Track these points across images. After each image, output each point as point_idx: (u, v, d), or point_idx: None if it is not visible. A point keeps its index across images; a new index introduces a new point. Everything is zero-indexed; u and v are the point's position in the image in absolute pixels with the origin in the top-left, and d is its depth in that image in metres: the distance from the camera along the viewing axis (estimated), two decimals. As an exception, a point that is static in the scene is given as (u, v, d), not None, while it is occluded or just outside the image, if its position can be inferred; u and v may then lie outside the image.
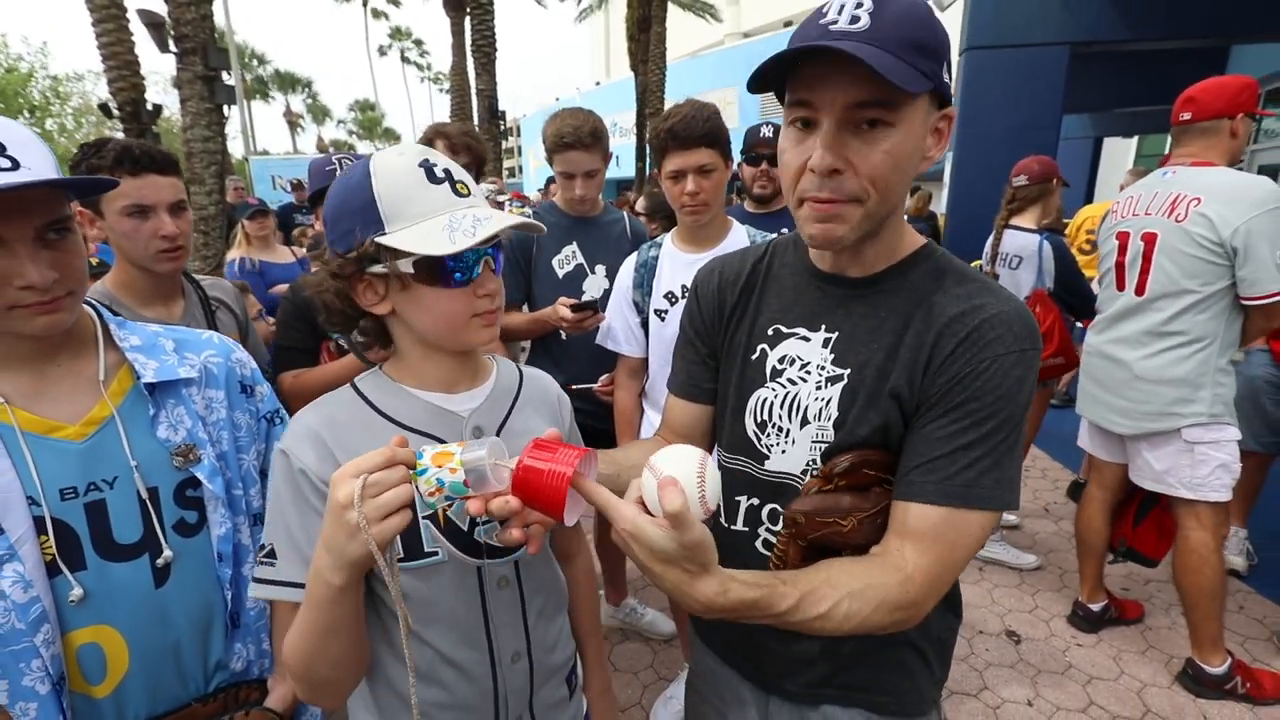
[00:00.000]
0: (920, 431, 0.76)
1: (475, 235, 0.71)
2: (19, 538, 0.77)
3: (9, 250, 0.74)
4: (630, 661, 2.39)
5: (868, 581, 0.71)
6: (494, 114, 11.63)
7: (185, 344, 0.98)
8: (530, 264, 2.05)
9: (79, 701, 0.84)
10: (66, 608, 0.81)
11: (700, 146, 1.59)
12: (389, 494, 0.61)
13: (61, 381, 0.85)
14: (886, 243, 0.80)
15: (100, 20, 7.37)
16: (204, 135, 5.64)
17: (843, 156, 0.69)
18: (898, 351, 0.78)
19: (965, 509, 0.72)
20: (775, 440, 0.87)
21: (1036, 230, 2.77)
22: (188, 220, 1.40)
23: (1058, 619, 2.56)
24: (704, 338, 0.98)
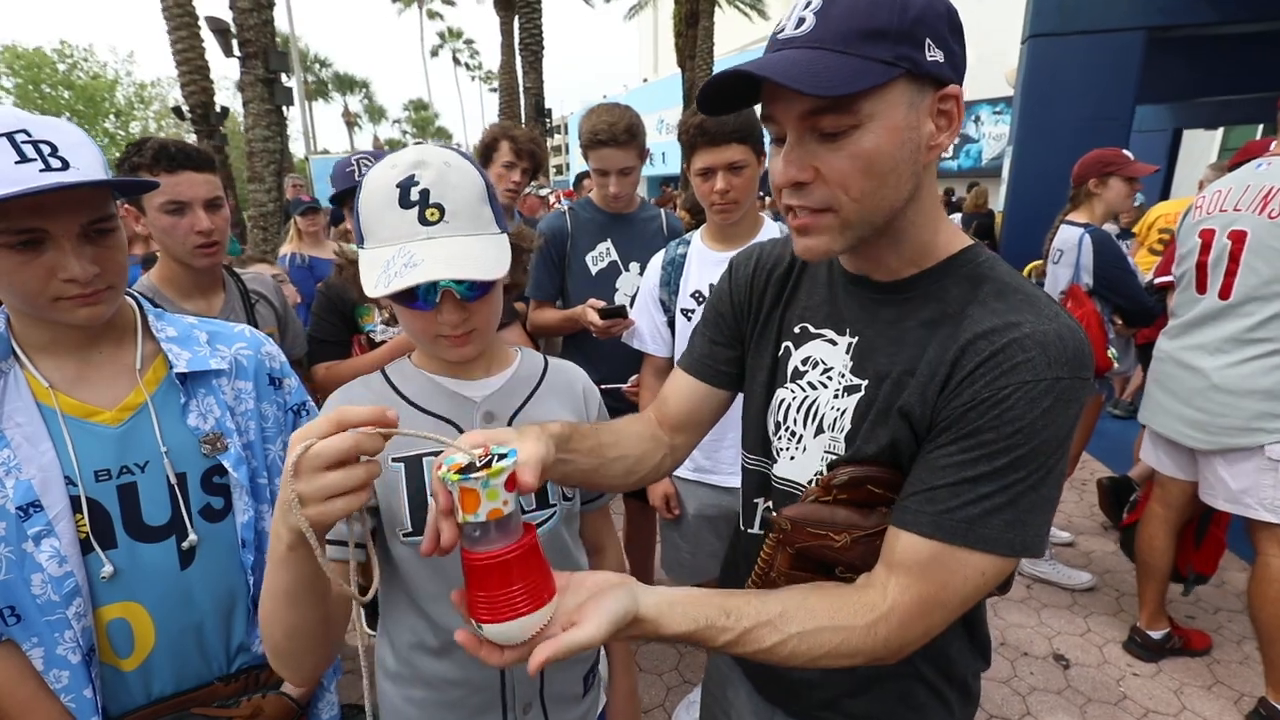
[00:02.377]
0: (927, 456, 0.69)
1: (389, 285, 0.71)
2: (56, 515, 0.82)
3: (55, 245, 0.78)
4: (654, 662, 2.37)
5: (829, 622, 0.66)
6: (540, 111, 11.76)
7: (218, 336, 1.01)
8: (564, 260, 2.05)
9: (108, 672, 0.88)
10: (98, 583, 0.85)
11: (731, 143, 1.54)
12: (338, 474, 0.54)
13: (102, 368, 0.89)
14: (913, 247, 0.73)
15: (175, 29, 7.82)
16: (264, 135, 5.91)
17: (809, 166, 0.65)
18: (917, 365, 0.71)
19: (963, 548, 0.64)
20: (787, 445, 0.83)
21: (1084, 224, 2.60)
22: (224, 217, 1.45)
23: (1112, 645, 2.41)
24: (729, 319, 0.94)
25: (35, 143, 0.75)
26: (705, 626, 0.65)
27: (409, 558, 0.84)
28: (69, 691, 0.84)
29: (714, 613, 0.66)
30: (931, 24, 0.61)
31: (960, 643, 0.83)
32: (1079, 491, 3.61)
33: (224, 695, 0.94)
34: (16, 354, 0.85)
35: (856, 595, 0.69)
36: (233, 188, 8.87)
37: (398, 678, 0.89)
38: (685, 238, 1.78)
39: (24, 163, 0.73)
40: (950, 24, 0.63)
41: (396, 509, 0.82)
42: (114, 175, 0.85)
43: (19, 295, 0.79)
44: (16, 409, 0.82)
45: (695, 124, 1.56)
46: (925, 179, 0.68)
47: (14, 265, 0.77)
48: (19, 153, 0.73)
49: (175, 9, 7.63)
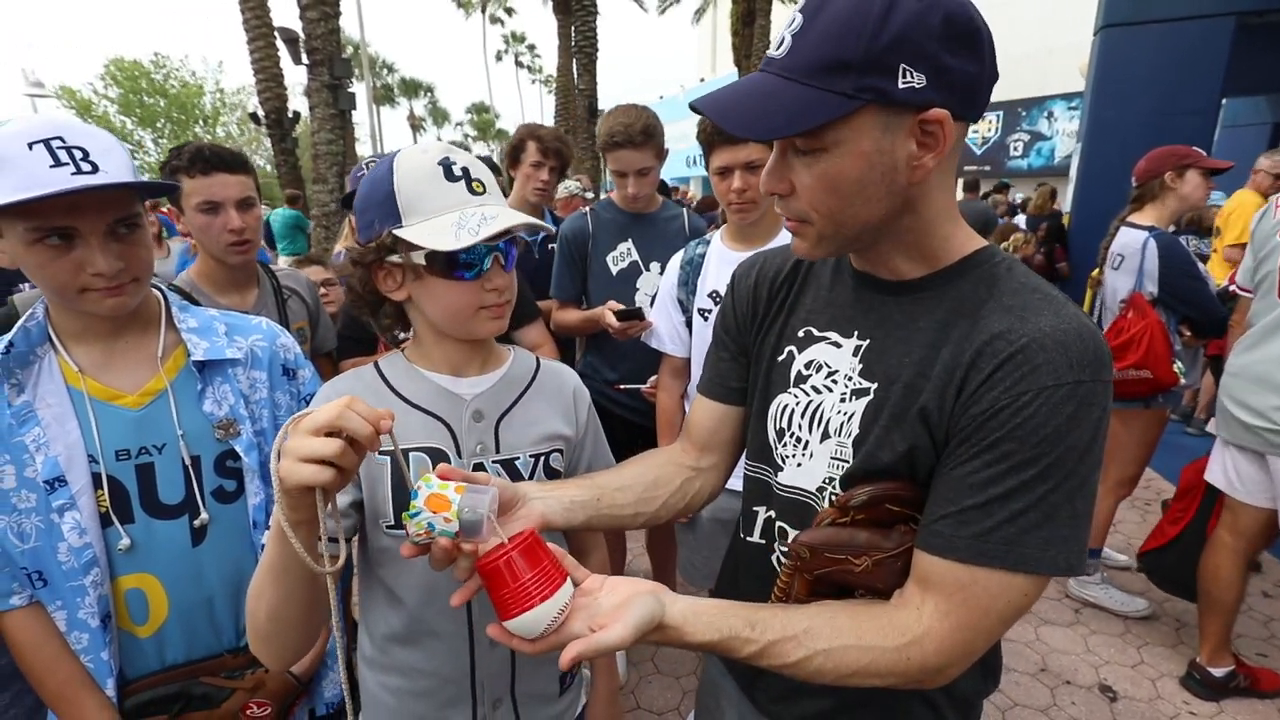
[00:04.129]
0: (950, 473, 0.65)
1: (479, 233, 0.74)
2: (79, 490, 0.88)
3: (84, 241, 0.84)
4: (672, 665, 2.35)
5: (855, 640, 0.65)
6: (593, 113, 11.90)
7: (236, 328, 1.06)
8: (585, 260, 2.06)
9: (125, 638, 0.95)
10: (116, 555, 0.92)
11: (749, 141, 1.51)
12: (317, 440, 0.58)
13: (126, 355, 0.95)
14: (921, 250, 0.71)
15: (253, 39, 8.32)
16: (328, 138, 6.23)
17: (785, 179, 0.67)
18: (932, 367, 0.68)
19: (1004, 571, 0.62)
20: (792, 451, 0.81)
21: (1148, 227, 2.42)
22: (255, 216, 1.53)
23: (1167, 679, 2.23)
24: (734, 335, 0.93)
25: (69, 148, 0.81)
26: (729, 637, 0.66)
27: (389, 549, 0.85)
28: (88, 652, 0.91)
29: (739, 624, 0.66)
30: (915, 44, 0.58)
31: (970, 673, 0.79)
32: (1141, 512, 3.37)
33: (231, 667, 1.00)
34: (52, 340, 0.92)
35: (888, 615, 0.67)
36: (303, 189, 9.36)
37: (374, 664, 0.91)
38: (705, 237, 1.77)
39: (57, 167, 0.80)
40: (946, 38, 0.59)
41: (380, 501, 0.84)
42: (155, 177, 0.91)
43: (51, 287, 0.86)
44: (49, 390, 0.89)
45: (713, 123, 1.54)
46: (919, 194, 0.66)
47: (46, 259, 0.83)
48: (54, 157, 0.80)
49: (253, 20, 8.13)
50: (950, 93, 0.60)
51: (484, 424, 0.88)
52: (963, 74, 0.60)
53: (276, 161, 9.73)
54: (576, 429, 0.98)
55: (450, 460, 0.86)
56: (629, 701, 2.18)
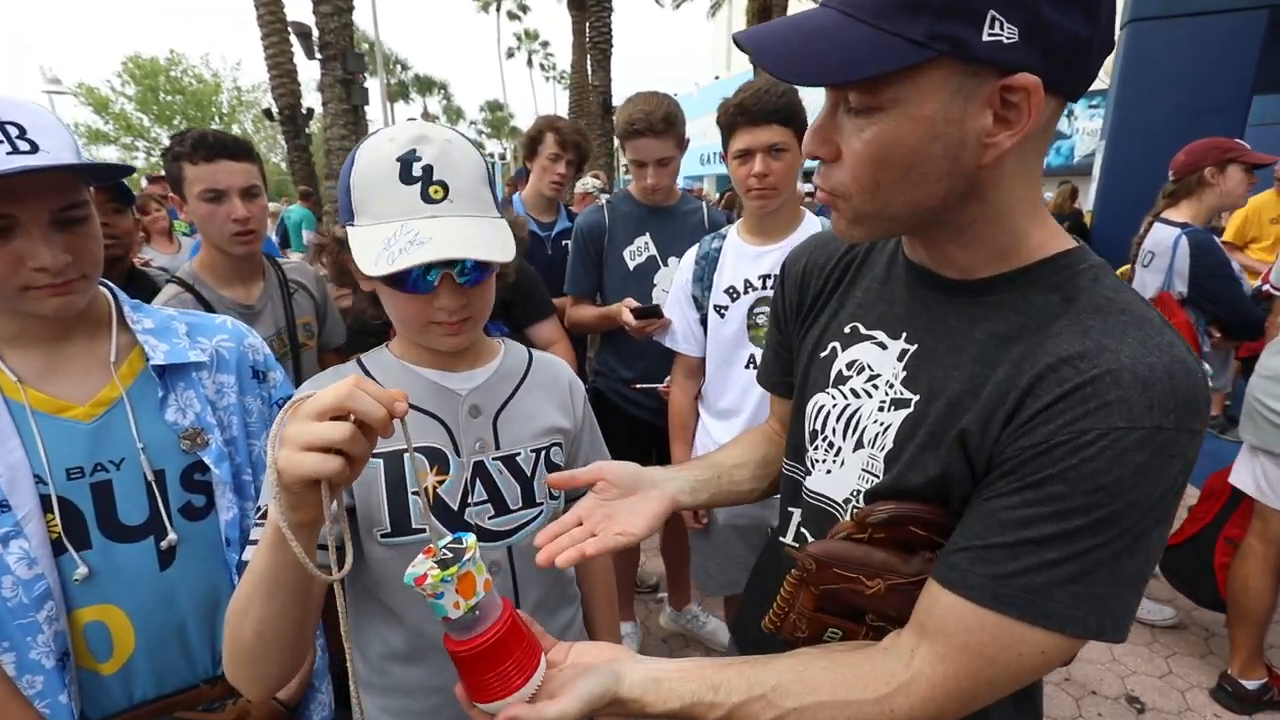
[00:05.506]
0: (983, 505, 0.58)
1: (394, 263, 0.67)
2: (25, 515, 0.78)
3: (24, 232, 0.75)
4: (687, 670, 2.31)
5: (830, 696, 0.59)
6: (607, 109, 11.85)
7: (198, 328, 0.98)
8: (601, 255, 2.02)
9: (87, 677, 0.85)
10: (72, 586, 0.82)
11: (772, 123, 1.46)
12: (323, 425, 0.51)
13: (73, 361, 0.85)
14: (990, 245, 0.61)
15: (267, 35, 8.35)
16: (341, 134, 6.23)
17: (831, 140, 0.58)
18: (983, 386, 0.59)
19: (1020, 621, 0.54)
20: (823, 455, 0.75)
21: (1182, 224, 2.34)
22: (260, 205, 1.49)
23: (1197, 690, 2.16)
24: (781, 326, 0.89)
25: (2, 124, 0.71)
26: (693, 704, 0.61)
27: (385, 560, 0.80)
28: (43, 697, 0.80)
29: (701, 688, 0.62)
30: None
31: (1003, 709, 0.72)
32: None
33: (209, 698, 0.92)
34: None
35: (871, 662, 0.61)
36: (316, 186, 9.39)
37: (370, 687, 0.86)
38: (721, 231, 1.72)
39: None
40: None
41: (374, 508, 0.79)
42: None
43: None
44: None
45: (735, 103, 1.49)
46: (990, 179, 0.56)
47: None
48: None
49: (267, 15, 8.16)
50: (1046, 56, 0.49)
51: (481, 420, 0.84)
52: (1066, 34, 0.49)
53: (290, 158, 9.78)
54: (574, 422, 0.94)
55: (449, 459, 0.81)
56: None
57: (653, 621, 2.55)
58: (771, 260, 1.58)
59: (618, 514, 0.73)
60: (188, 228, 4.35)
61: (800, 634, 0.71)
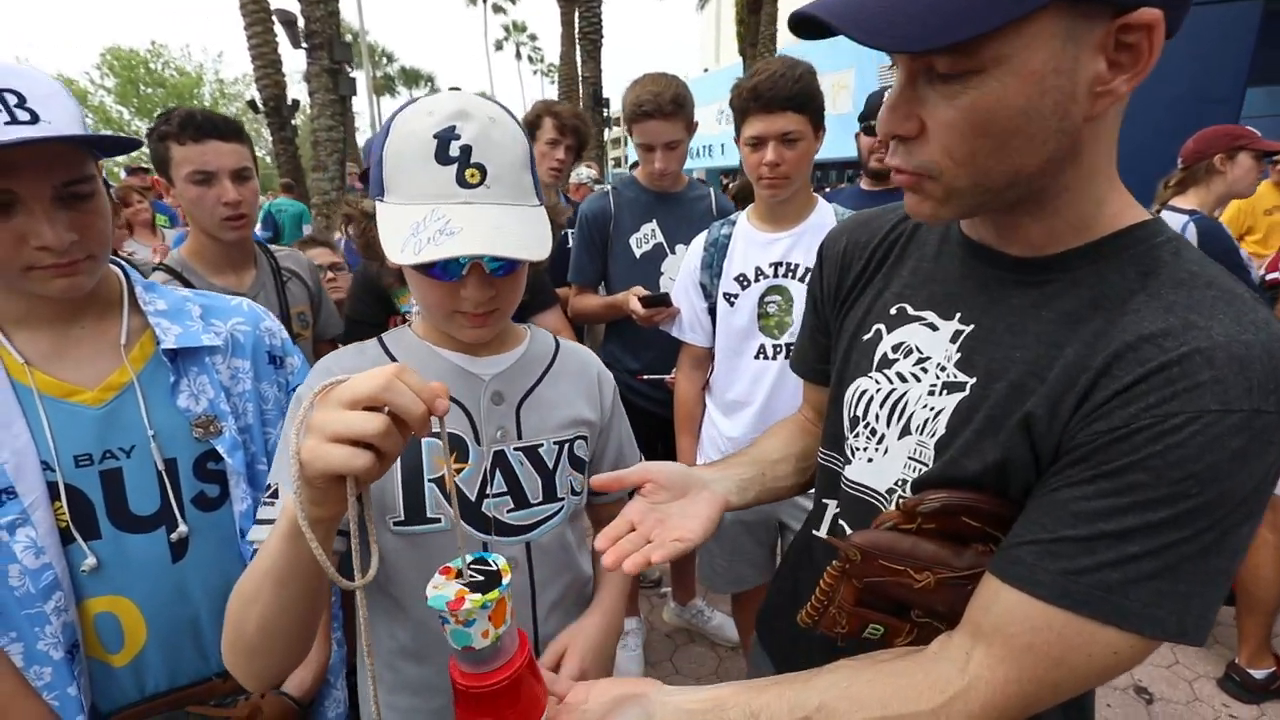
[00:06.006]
0: (1052, 495, 0.54)
1: (420, 253, 0.63)
2: (32, 503, 0.75)
3: (25, 209, 0.71)
4: (693, 666, 2.27)
5: (881, 712, 0.55)
6: (598, 101, 11.78)
7: (213, 310, 0.94)
8: (606, 243, 1.96)
9: (97, 668, 0.83)
10: (81, 576, 0.79)
11: (786, 110, 1.41)
12: (356, 415, 0.46)
13: (83, 344, 0.82)
14: (1065, 219, 0.57)
15: (250, 24, 8.17)
16: (328, 125, 6.11)
17: (914, 116, 0.53)
18: (1049, 368, 0.55)
19: (1093, 620, 0.50)
20: (864, 443, 0.71)
21: (1189, 211, 2.32)
22: (252, 189, 1.42)
23: (1204, 680, 2.15)
24: (819, 309, 0.85)
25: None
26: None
27: (398, 550, 0.76)
28: (52, 689, 0.78)
29: (739, 717, 0.58)
30: None
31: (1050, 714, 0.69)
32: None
33: (222, 693, 0.89)
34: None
35: (922, 670, 0.56)
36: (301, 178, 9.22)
37: (379, 683, 0.82)
38: (730, 218, 1.67)
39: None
40: None
41: (388, 493, 0.74)
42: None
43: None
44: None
45: (748, 88, 1.44)
46: (1089, 135, 0.52)
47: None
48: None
49: (251, 4, 7.98)
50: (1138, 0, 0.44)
51: (504, 407, 0.80)
52: None
53: (275, 150, 9.60)
54: (601, 414, 0.90)
55: (469, 447, 0.77)
56: (647, 703, 2.10)
57: (656, 616, 2.51)
58: (784, 247, 1.54)
59: (670, 518, 0.70)
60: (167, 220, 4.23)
61: (839, 629, 0.67)
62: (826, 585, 0.68)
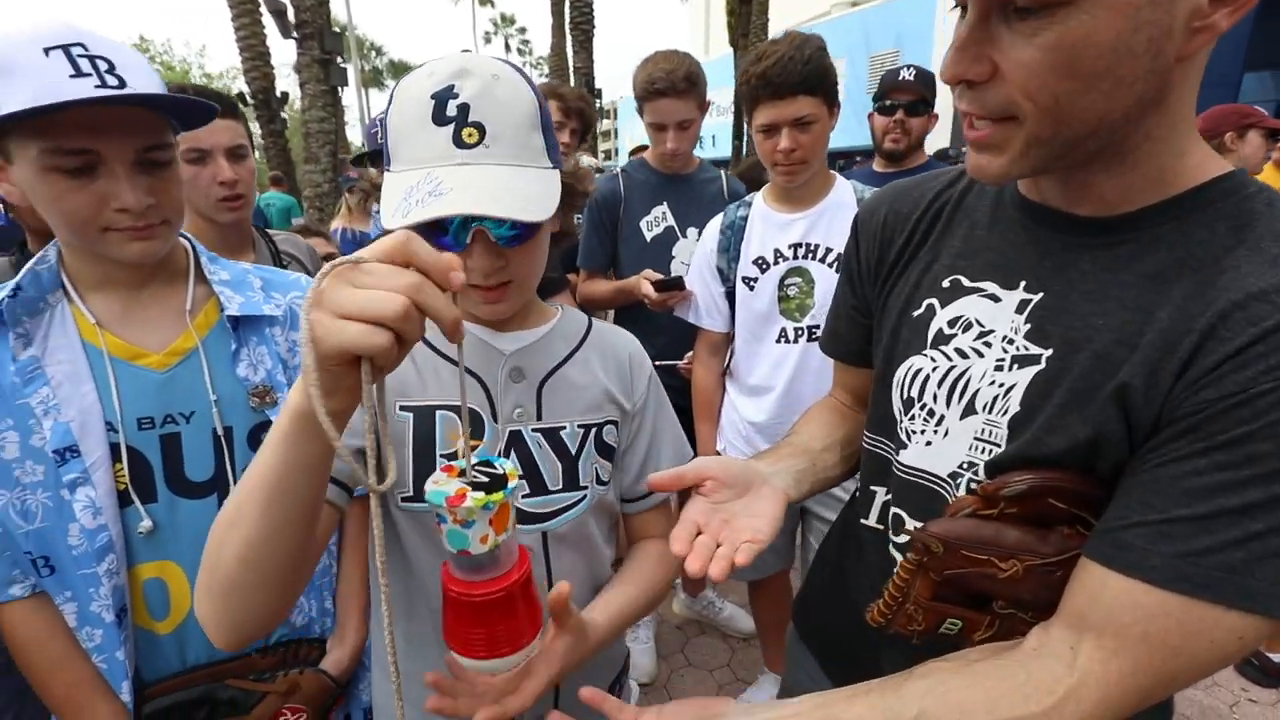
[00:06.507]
0: (1157, 471, 0.50)
1: (408, 215, 0.59)
2: (94, 462, 0.77)
3: (109, 170, 0.74)
4: (705, 658, 2.25)
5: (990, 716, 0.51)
6: (591, 91, 11.68)
7: (272, 283, 0.96)
8: (616, 226, 1.91)
9: (142, 636, 0.84)
10: (135, 539, 0.80)
11: (798, 94, 1.35)
12: (370, 292, 0.40)
13: (150, 309, 0.85)
14: (1144, 172, 0.53)
15: (238, 15, 8.02)
16: (320, 116, 6.01)
17: (985, 58, 0.49)
18: (1140, 334, 0.52)
19: (1216, 604, 0.46)
20: (921, 426, 0.67)
21: None
22: (249, 168, 1.36)
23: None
24: (856, 287, 0.80)
25: (92, 57, 0.70)
26: None
27: (410, 530, 0.72)
28: (101, 651, 0.79)
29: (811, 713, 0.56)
30: None
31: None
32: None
33: (260, 668, 0.89)
34: (66, 289, 0.81)
35: (1025, 670, 0.53)
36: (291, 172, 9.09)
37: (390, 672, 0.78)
38: (746, 199, 1.62)
39: (79, 77, 0.69)
40: None
41: (398, 466, 0.69)
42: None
43: (68, 225, 0.75)
44: (60, 345, 0.78)
45: (757, 74, 1.38)
46: (1179, 77, 0.48)
47: (64, 190, 0.72)
48: (74, 66, 0.69)
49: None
50: None
51: (524, 385, 0.75)
52: None
53: (265, 144, 9.45)
54: (633, 400, 0.84)
55: (484, 423, 0.72)
56: (662, 697, 2.07)
57: (665, 609, 2.48)
58: (802, 228, 1.50)
59: (735, 518, 0.65)
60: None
61: (915, 627, 0.63)
62: (901, 581, 0.64)
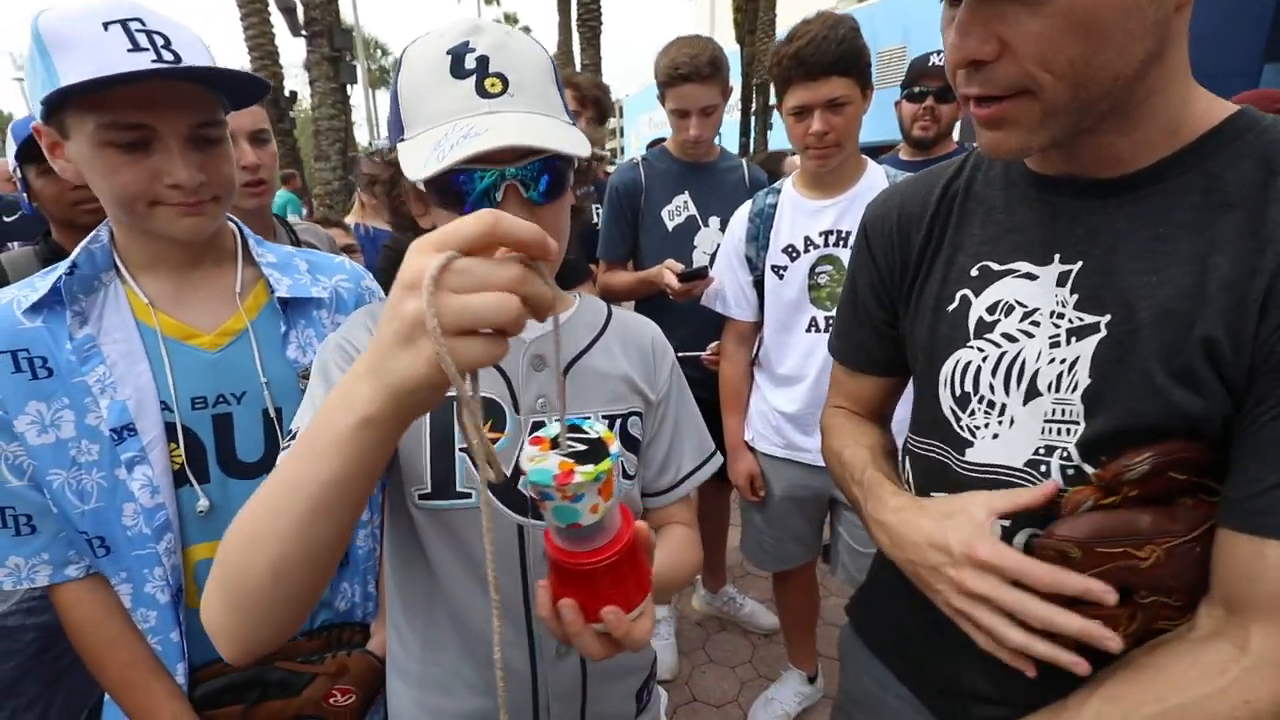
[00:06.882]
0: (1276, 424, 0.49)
1: (446, 157, 0.55)
2: (150, 441, 0.77)
3: (162, 145, 0.74)
4: (726, 654, 2.22)
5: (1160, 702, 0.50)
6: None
7: (318, 266, 0.96)
8: (637, 215, 1.89)
9: (193, 618, 0.82)
10: (190, 519, 0.80)
11: (831, 75, 1.32)
12: (490, 298, 0.37)
13: (200, 289, 0.84)
14: (1155, 124, 0.54)
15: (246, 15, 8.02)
16: (329, 114, 6.01)
17: (991, 36, 0.50)
18: (1203, 284, 0.51)
19: None
20: (983, 420, 0.65)
21: None
22: (270, 153, 1.35)
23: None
24: (881, 296, 0.78)
25: (149, 32, 0.71)
26: None
27: (428, 529, 0.69)
28: (156, 633, 0.79)
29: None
30: None
31: None
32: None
33: (307, 650, 0.88)
34: (118, 268, 0.81)
35: (1190, 656, 0.51)
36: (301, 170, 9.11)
37: (409, 677, 0.75)
38: (775, 186, 1.59)
39: (136, 51, 0.69)
40: None
41: (415, 461, 0.67)
42: None
43: (119, 198, 0.75)
44: (115, 324, 0.78)
45: (790, 54, 1.35)
46: (1177, 27, 0.50)
47: (119, 164, 0.73)
48: (132, 41, 0.69)
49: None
50: None
51: (546, 373, 0.72)
52: None
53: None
54: (657, 390, 0.81)
55: (506, 415, 0.69)
56: (684, 694, 2.05)
57: (685, 604, 2.46)
58: (833, 215, 1.47)
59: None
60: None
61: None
62: None
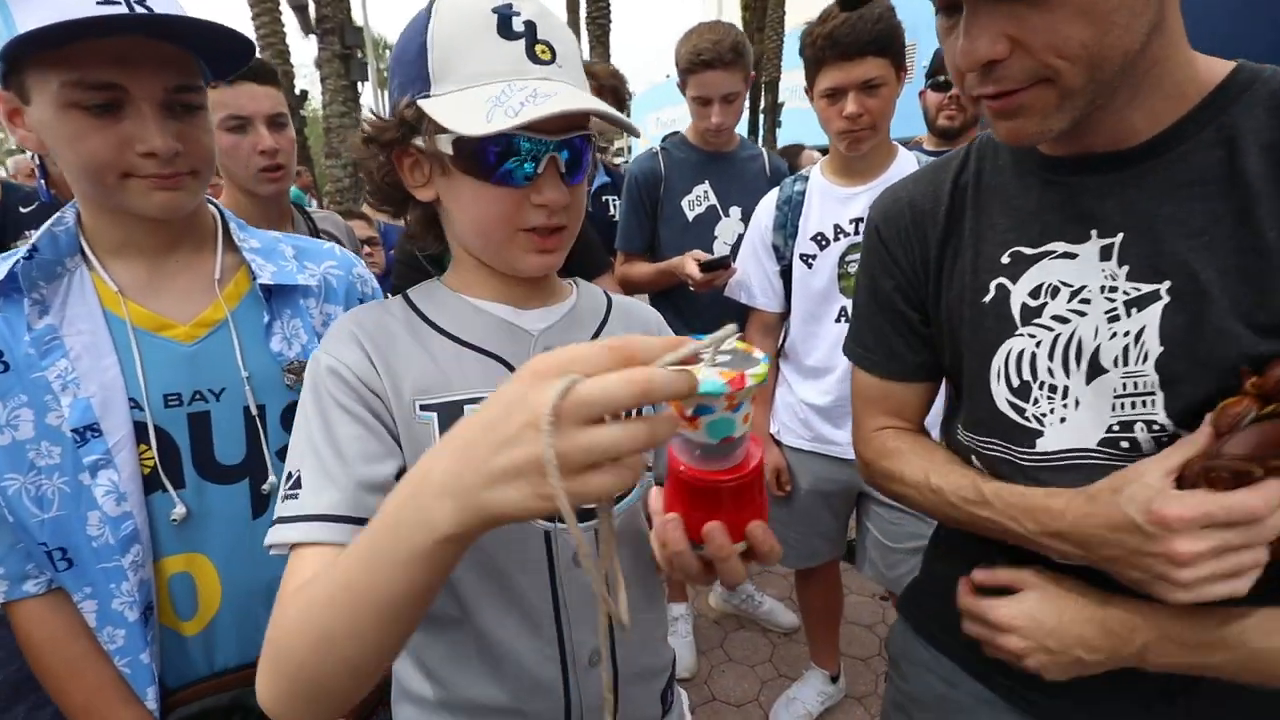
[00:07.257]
0: None
1: (519, 115, 0.52)
2: (117, 443, 0.70)
3: (135, 110, 0.68)
4: (746, 653, 2.18)
5: None
6: (607, 88, 11.62)
7: (305, 252, 0.89)
8: (656, 205, 1.85)
9: (168, 636, 0.77)
10: (163, 529, 0.73)
11: (866, 55, 1.29)
12: (614, 430, 0.36)
13: (176, 276, 0.78)
14: (1166, 86, 0.55)
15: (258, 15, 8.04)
16: (340, 111, 6.02)
17: (1001, 37, 0.51)
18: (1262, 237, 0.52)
19: None
20: (1048, 407, 0.63)
21: None
22: (289, 138, 1.32)
23: None
24: (910, 296, 0.75)
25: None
26: None
27: None
28: (124, 654, 0.72)
29: None
30: None
31: None
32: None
33: None
34: (85, 253, 0.74)
35: None
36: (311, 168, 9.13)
37: (424, 703, 0.68)
38: (802, 173, 1.56)
39: (106, 4, 0.63)
40: None
41: None
42: None
43: (86, 168, 0.68)
44: (80, 314, 0.71)
45: (824, 34, 1.31)
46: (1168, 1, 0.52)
47: (86, 129, 0.66)
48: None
49: (257, -8, 7.84)
50: None
51: None
52: None
53: (284, 141, 9.50)
54: None
55: None
56: (703, 694, 2.01)
57: (702, 602, 2.42)
58: (864, 202, 1.43)
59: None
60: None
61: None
62: None
